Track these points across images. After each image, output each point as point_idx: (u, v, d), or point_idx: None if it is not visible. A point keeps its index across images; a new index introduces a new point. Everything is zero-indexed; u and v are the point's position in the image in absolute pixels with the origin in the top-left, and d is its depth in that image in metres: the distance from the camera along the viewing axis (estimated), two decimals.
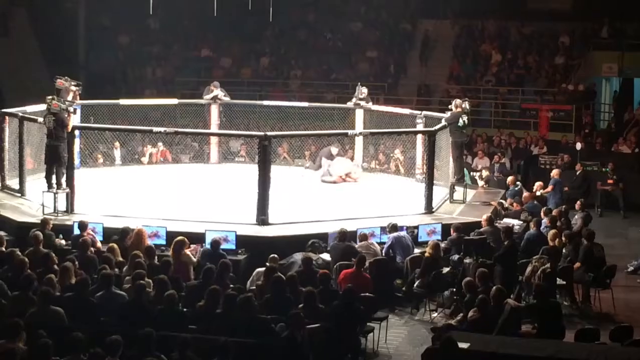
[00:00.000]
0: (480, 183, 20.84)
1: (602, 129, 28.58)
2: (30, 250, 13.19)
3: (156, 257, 13.22)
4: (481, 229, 15.54)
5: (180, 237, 13.63)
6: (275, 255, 13.20)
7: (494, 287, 11.77)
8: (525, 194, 19.08)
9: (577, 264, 14.66)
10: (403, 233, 15.11)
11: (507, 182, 20.11)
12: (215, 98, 22.84)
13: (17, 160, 18.12)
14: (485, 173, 21.52)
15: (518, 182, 20.28)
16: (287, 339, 10.06)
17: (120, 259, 13.25)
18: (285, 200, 16.70)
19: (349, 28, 34.47)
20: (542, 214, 16.69)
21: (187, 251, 13.64)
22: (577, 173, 22.36)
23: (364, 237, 14.77)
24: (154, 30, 34.46)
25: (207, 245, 14.11)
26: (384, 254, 14.59)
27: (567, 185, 21.15)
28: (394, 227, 15.03)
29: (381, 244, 14.98)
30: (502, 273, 13.85)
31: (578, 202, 18.14)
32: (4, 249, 13.42)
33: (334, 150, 21.23)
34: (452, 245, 15.03)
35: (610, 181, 22.05)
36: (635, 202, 21.86)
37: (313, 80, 32.07)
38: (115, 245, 13.52)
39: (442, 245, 14.89)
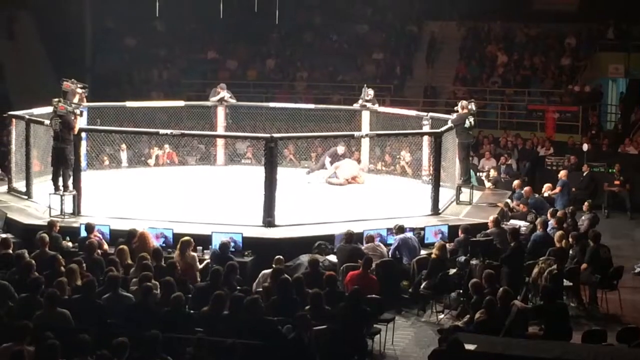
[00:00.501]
0: (488, 184, 20.80)
1: (608, 130, 28.58)
2: (37, 252, 13.21)
3: (163, 259, 13.23)
4: (487, 231, 15.53)
5: (186, 238, 13.64)
6: (281, 257, 13.19)
7: (501, 289, 11.76)
8: (526, 188, 19.07)
9: (584, 265, 14.64)
10: (409, 234, 15.10)
11: (514, 185, 19.97)
12: (221, 100, 22.86)
13: (24, 163, 18.16)
14: (492, 173, 21.46)
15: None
16: (293, 341, 10.06)
17: (129, 261, 13.25)
18: (292, 202, 16.71)
19: (355, 30, 34.51)
20: (548, 215, 16.67)
21: (193, 253, 13.67)
22: (584, 174, 22.33)
23: (371, 239, 14.77)
24: (160, 33, 34.51)
25: (216, 248, 14.10)
26: (390, 256, 14.59)
27: (573, 186, 21.10)
28: (401, 229, 15.01)
29: (387, 245, 14.97)
30: (508, 274, 13.82)
31: (586, 203, 18.11)
32: (10, 251, 13.43)
33: (341, 149, 21.20)
34: (460, 246, 15.01)
35: (617, 182, 22.00)
36: None
37: (319, 82, 32.10)
38: (125, 248, 13.51)
39: (449, 246, 14.88)
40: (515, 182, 20.08)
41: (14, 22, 31.20)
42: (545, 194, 19.49)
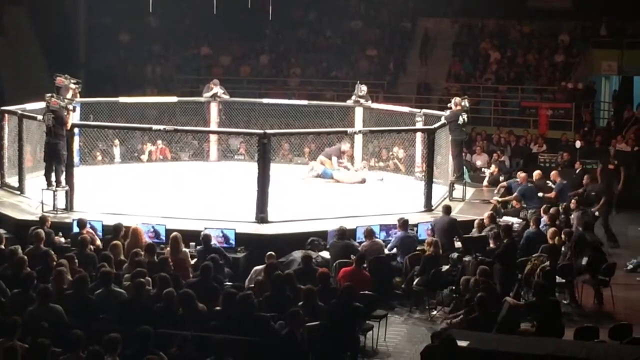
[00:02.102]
0: (485, 183, 20.67)
1: (601, 127, 28.59)
2: (31, 248, 13.18)
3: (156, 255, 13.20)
4: (487, 227, 15.46)
5: (174, 234, 13.61)
6: (273, 253, 13.16)
7: (478, 269, 11.88)
8: (522, 175, 19.03)
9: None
10: (412, 233, 15.06)
11: (519, 180, 19.61)
12: (214, 96, 22.85)
13: (17, 158, 18.12)
14: (493, 168, 21.26)
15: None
16: (286, 337, 10.05)
17: (122, 257, 13.20)
18: (285, 198, 16.70)
19: (348, 26, 34.49)
20: (541, 211, 16.66)
21: (185, 249, 13.65)
22: (577, 171, 22.32)
23: (370, 234, 14.67)
24: (154, 29, 34.46)
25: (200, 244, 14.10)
26: (388, 250, 14.59)
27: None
28: (405, 224, 14.89)
29: (386, 241, 14.98)
30: (501, 271, 13.83)
31: (573, 201, 18.06)
32: (3, 246, 13.40)
33: (345, 146, 21.04)
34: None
35: None
36: (634, 200, 21.78)
37: (312, 78, 32.07)
38: (119, 243, 13.46)
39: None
40: (522, 176, 19.63)
41: (5, 16, 31.11)
42: (540, 194, 19.23)
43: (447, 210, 15.87)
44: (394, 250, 14.81)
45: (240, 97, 25.10)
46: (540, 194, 18.99)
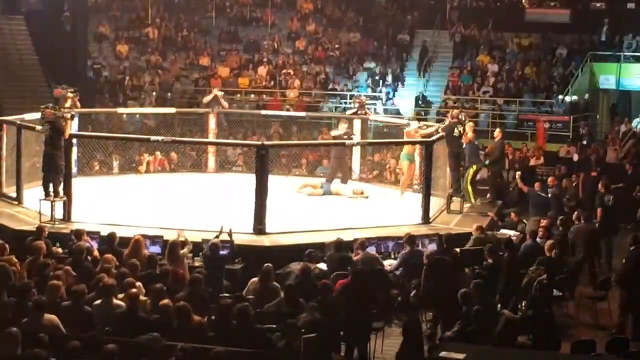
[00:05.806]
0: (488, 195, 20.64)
1: (599, 140, 28.65)
2: (31, 259, 13.14)
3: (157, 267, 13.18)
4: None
5: (171, 241, 13.59)
6: (270, 265, 13.12)
7: (473, 282, 11.96)
8: (470, 135, 19.17)
9: None
10: (418, 251, 14.64)
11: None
12: (215, 98, 22.81)
13: (15, 168, 18.12)
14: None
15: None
16: (283, 349, 10.03)
17: (114, 270, 13.12)
18: (283, 209, 16.70)
19: (347, 38, 34.56)
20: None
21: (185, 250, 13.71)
22: (574, 184, 22.33)
23: (361, 246, 14.67)
24: (152, 40, 34.49)
25: (207, 250, 14.09)
26: (391, 269, 14.54)
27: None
28: (410, 240, 14.64)
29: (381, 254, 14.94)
30: (503, 285, 13.77)
31: (576, 213, 18.07)
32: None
33: (342, 127, 20.91)
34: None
35: None
36: (632, 214, 21.77)
37: (311, 90, 32.11)
38: (110, 256, 13.38)
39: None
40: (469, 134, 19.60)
41: (5, 27, 31.14)
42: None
43: (589, 219, 16.34)
44: (400, 270, 14.55)
45: (238, 109, 25.15)
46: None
